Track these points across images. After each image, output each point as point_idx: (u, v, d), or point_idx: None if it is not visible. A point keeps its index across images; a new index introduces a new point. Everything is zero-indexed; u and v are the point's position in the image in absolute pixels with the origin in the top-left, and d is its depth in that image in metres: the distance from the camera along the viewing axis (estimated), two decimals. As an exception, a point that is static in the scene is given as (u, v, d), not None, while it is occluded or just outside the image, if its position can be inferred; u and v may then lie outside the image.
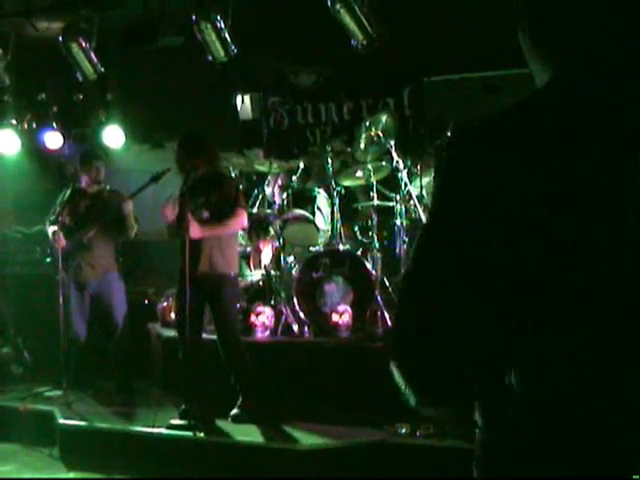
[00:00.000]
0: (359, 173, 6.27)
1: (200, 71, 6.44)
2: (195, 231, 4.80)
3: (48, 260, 6.16)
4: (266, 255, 6.45)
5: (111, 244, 5.90)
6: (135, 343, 6.01)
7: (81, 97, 6.96)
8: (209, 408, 4.98)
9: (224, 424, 4.87)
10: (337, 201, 6.20)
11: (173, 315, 5.77)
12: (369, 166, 6.18)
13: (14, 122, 6.95)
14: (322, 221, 6.14)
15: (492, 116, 1.24)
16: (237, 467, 4.51)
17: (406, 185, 6.10)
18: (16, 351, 6.43)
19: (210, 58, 5.64)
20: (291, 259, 6.36)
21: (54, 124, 7.04)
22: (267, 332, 5.74)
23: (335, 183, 6.25)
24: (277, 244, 6.28)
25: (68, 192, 5.99)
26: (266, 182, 6.62)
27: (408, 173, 6.20)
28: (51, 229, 5.87)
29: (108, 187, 6.01)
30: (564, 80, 1.23)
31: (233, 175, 6.54)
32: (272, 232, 6.31)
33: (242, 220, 5.00)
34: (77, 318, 5.87)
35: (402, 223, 6.08)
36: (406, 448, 4.38)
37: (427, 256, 1.22)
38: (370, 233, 6.25)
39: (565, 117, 1.20)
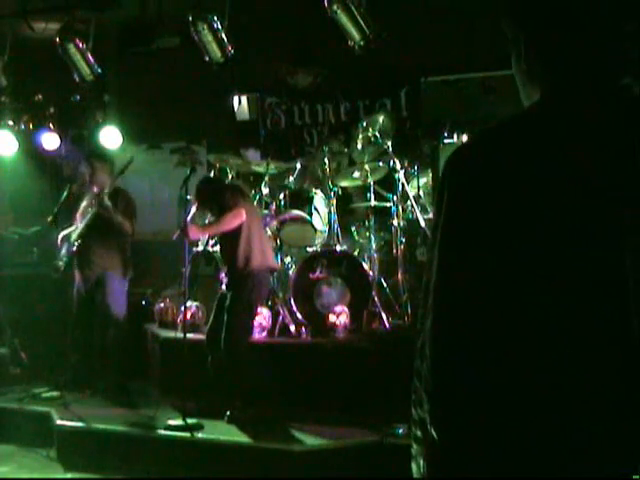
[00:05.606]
0: (356, 174, 6.28)
1: (197, 72, 6.44)
2: (193, 232, 5.04)
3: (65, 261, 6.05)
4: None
5: (108, 243, 5.85)
6: (132, 344, 6.00)
7: (78, 98, 6.95)
8: (207, 408, 4.99)
9: (221, 425, 4.86)
10: (334, 202, 6.21)
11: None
12: (366, 167, 6.19)
13: (11, 123, 6.94)
14: (319, 222, 6.14)
15: (491, 129, 1.33)
16: (234, 468, 4.50)
17: (403, 186, 6.10)
18: (13, 352, 6.41)
19: (207, 59, 5.64)
20: (288, 260, 6.36)
21: (51, 125, 7.03)
22: (264, 333, 5.73)
23: (332, 184, 6.26)
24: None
25: (65, 194, 5.98)
26: (263, 183, 6.61)
27: (405, 174, 6.20)
28: (61, 233, 5.93)
29: (106, 190, 5.97)
30: (557, 94, 1.32)
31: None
32: (269, 233, 6.31)
33: (233, 219, 5.00)
34: (75, 319, 5.86)
35: (399, 224, 6.09)
36: (404, 448, 4.35)
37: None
38: (367, 234, 6.26)
39: (559, 126, 1.27)
